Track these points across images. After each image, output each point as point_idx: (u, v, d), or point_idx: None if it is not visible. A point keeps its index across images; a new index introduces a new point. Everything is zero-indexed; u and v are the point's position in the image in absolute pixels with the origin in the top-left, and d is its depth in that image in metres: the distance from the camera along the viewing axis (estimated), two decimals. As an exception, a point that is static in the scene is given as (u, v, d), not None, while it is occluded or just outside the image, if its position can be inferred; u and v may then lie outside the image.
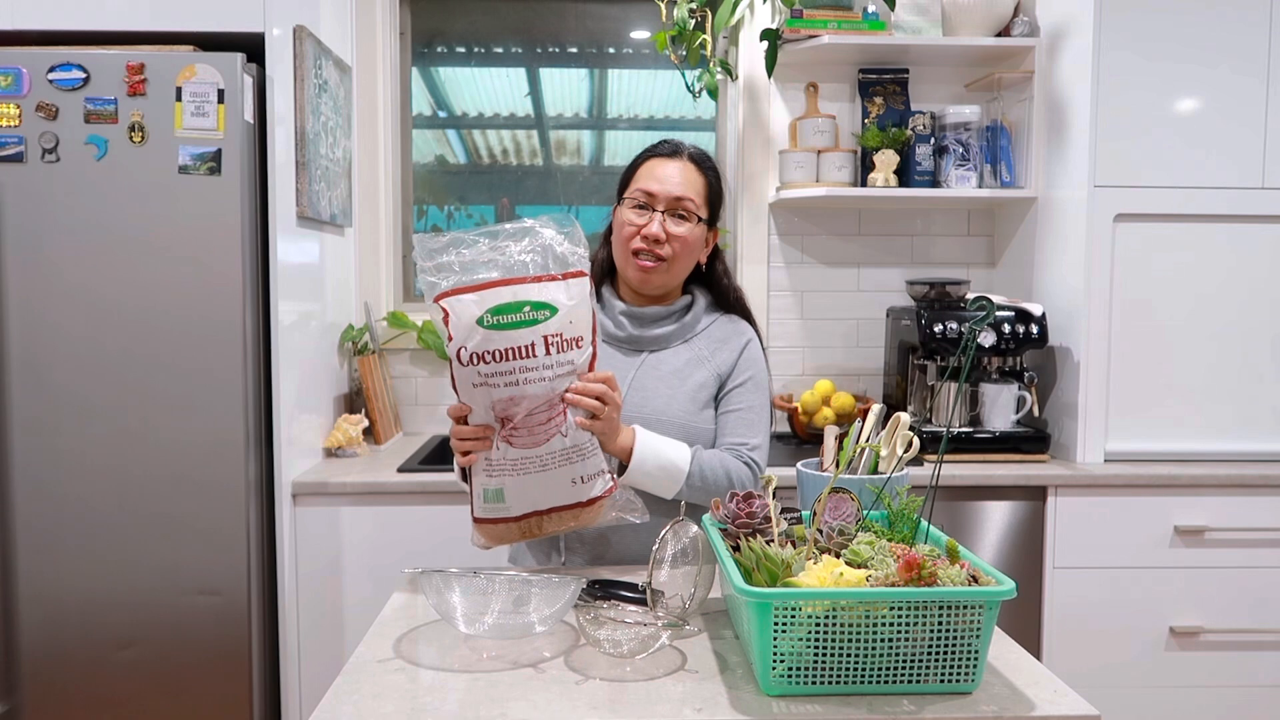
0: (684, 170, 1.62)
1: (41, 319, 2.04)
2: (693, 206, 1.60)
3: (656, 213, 1.59)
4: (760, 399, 1.66)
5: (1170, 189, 2.39)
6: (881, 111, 2.79)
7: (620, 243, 1.62)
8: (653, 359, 1.64)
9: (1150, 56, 2.37)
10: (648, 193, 1.60)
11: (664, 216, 1.59)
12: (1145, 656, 2.36)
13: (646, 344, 1.65)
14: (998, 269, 2.91)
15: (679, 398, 1.60)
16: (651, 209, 1.59)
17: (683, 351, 1.65)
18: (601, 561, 1.59)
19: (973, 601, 1.04)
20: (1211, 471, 2.33)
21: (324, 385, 2.52)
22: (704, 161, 1.65)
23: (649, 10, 2.79)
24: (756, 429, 1.64)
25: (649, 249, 1.59)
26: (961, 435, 2.46)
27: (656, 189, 1.60)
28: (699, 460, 1.53)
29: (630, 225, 1.60)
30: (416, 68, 2.98)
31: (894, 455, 1.39)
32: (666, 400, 1.59)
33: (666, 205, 1.59)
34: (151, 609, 2.10)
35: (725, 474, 1.54)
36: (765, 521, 1.26)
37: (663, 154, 1.63)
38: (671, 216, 1.59)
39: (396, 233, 2.94)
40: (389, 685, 1.12)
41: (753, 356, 1.68)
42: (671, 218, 1.59)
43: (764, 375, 1.68)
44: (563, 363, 1.32)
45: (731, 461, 1.57)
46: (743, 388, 1.65)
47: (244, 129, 2.04)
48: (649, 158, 1.64)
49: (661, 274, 1.61)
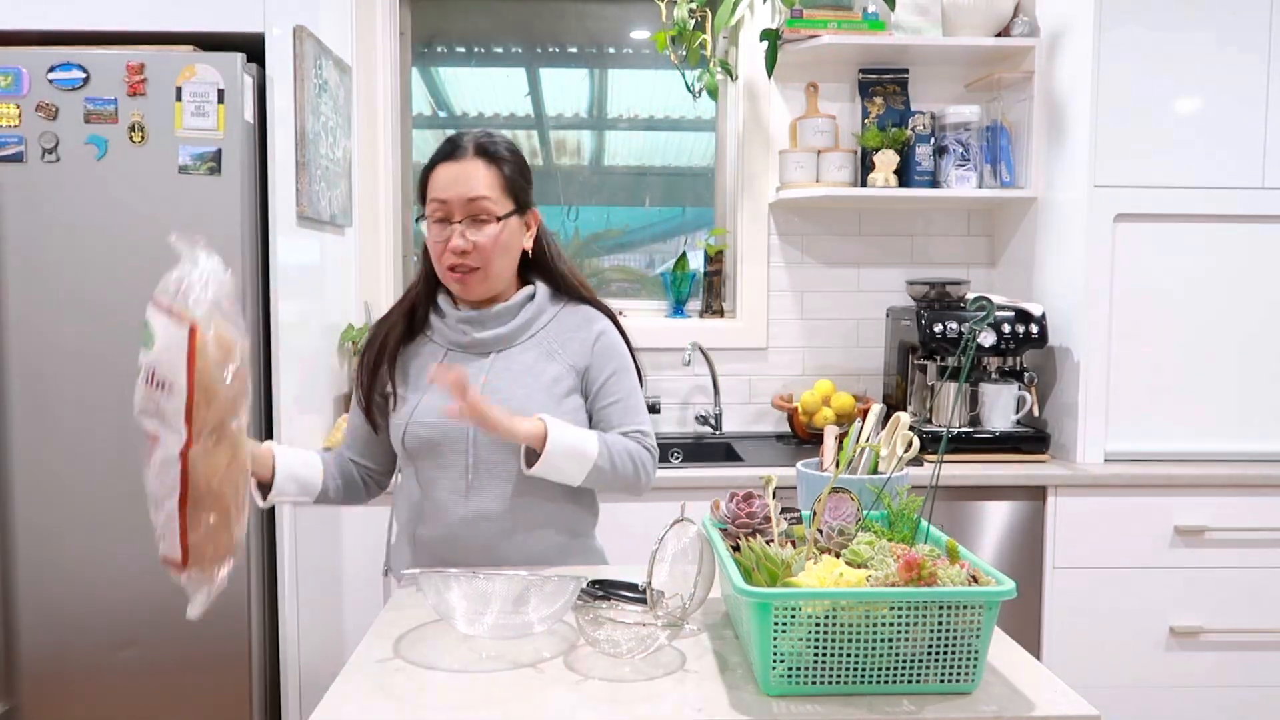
0: (471, 169, 1.52)
1: (41, 319, 2.04)
2: (490, 205, 1.52)
3: (455, 224, 1.52)
4: (631, 383, 1.63)
5: (1170, 189, 2.39)
6: (881, 111, 2.79)
7: (435, 260, 1.56)
8: (502, 359, 1.59)
9: (1150, 56, 2.37)
10: (441, 202, 1.52)
11: (463, 226, 1.52)
12: (1145, 656, 2.36)
13: (492, 345, 1.59)
14: (998, 269, 2.91)
15: (536, 394, 1.56)
16: (449, 220, 1.52)
17: (531, 347, 1.60)
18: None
19: (973, 601, 1.04)
20: (1211, 471, 2.33)
21: (324, 385, 2.52)
22: (491, 150, 1.55)
23: (649, 10, 2.79)
24: (638, 412, 1.62)
25: (459, 261, 1.52)
26: (961, 435, 2.46)
27: (448, 195, 1.51)
28: (605, 443, 1.52)
29: (436, 242, 1.54)
30: (416, 68, 2.98)
31: (894, 455, 1.39)
32: (524, 398, 1.55)
33: (463, 212, 1.51)
34: (151, 609, 2.10)
35: (629, 457, 1.54)
36: (765, 521, 1.26)
37: (447, 157, 1.54)
38: (471, 223, 1.52)
39: (396, 233, 2.94)
40: (389, 685, 1.12)
41: (608, 346, 1.62)
42: (471, 224, 1.52)
43: (627, 359, 1.64)
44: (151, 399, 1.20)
45: (633, 445, 1.56)
46: (613, 378, 1.61)
47: (244, 129, 2.04)
48: (435, 164, 1.55)
49: (479, 282, 1.55)
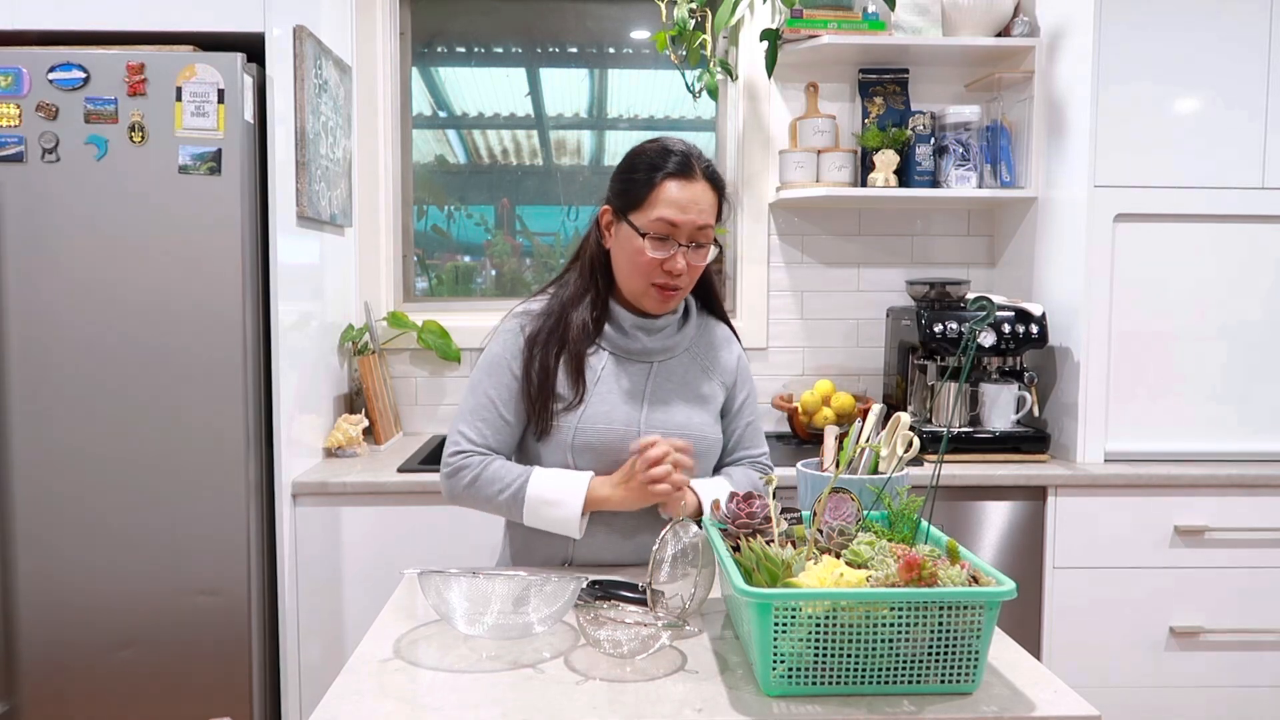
0: (702, 194, 1.51)
1: (41, 319, 2.04)
2: (711, 232, 1.53)
3: (680, 247, 1.50)
4: (757, 405, 1.74)
5: (1170, 189, 2.39)
6: (881, 111, 2.79)
7: (638, 270, 1.52)
8: (662, 370, 1.61)
9: (1150, 56, 2.37)
10: (673, 224, 1.48)
11: (686, 249, 1.50)
12: (1145, 656, 2.36)
13: (656, 354, 1.61)
14: (998, 269, 2.91)
15: (697, 412, 1.60)
16: (674, 240, 1.50)
17: (685, 360, 1.64)
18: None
19: (973, 602, 1.04)
20: (1211, 471, 2.33)
21: (324, 385, 2.52)
22: (716, 177, 1.55)
23: (649, 10, 2.79)
24: (761, 434, 1.73)
25: (673, 283, 1.52)
26: (961, 435, 2.46)
27: (680, 219, 1.48)
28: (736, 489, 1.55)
29: (653, 258, 1.50)
30: (416, 68, 2.98)
31: (894, 455, 1.39)
32: (687, 415, 1.59)
33: (689, 237, 1.50)
34: (151, 609, 2.10)
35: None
36: (765, 521, 1.26)
37: (681, 174, 1.50)
38: (693, 248, 1.51)
39: (396, 233, 2.94)
40: (389, 685, 1.12)
41: (746, 368, 1.71)
42: (692, 250, 1.51)
43: (754, 381, 1.75)
44: None
45: (758, 480, 1.64)
46: (748, 400, 1.70)
47: (244, 129, 2.04)
48: (666, 178, 1.50)
49: (679, 298, 1.58)
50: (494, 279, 3.09)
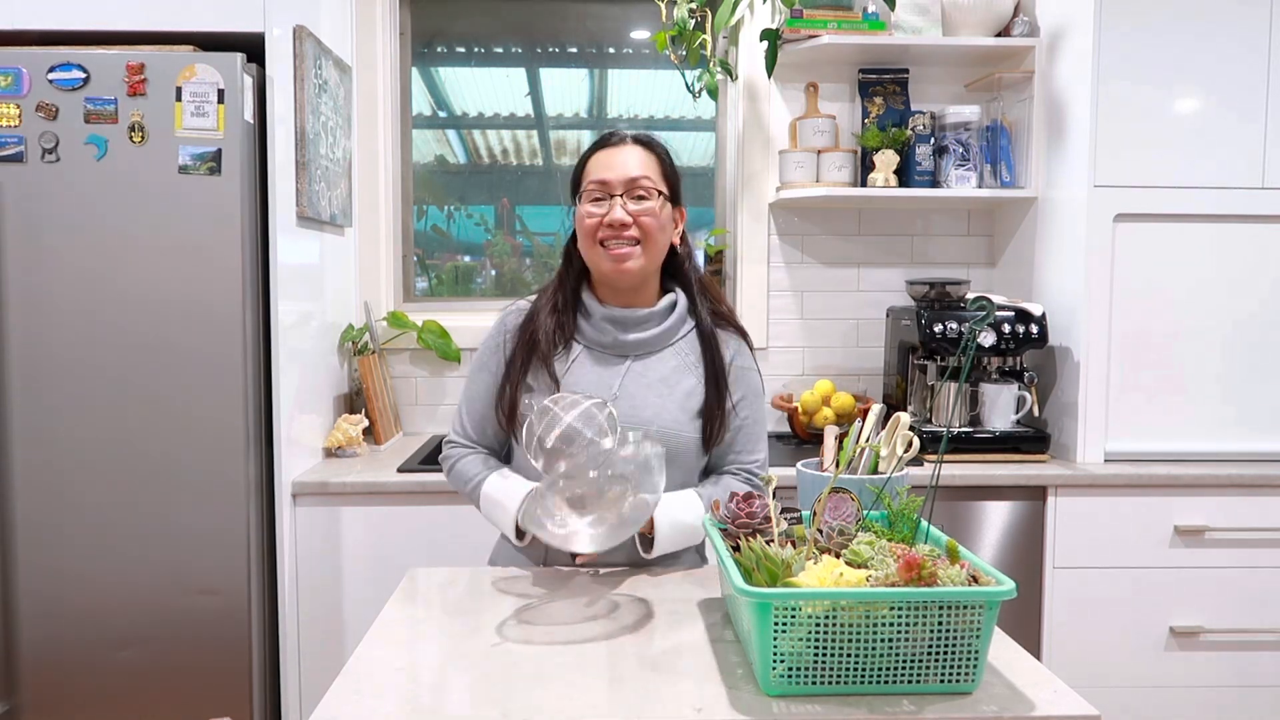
0: (629, 153, 1.57)
1: (41, 319, 2.04)
2: (650, 183, 1.55)
3: (615, 198, 1.54)
4: (757, 410, 1.65)
5: (1170, 189, 2.39)
6: (881, 111, 2.79)
7: (586, 238, 1.56)
8: (639, 365, 1.59)
9: (1150, 56, 2.37)
10: (601, 182, 1.55)
11: (623, 199, 1.54)
12: (1145, 656, 2.36)
13: (631, 349, 1.59)
14: (998, 269, 2.91)
15: (669, 407, 1.56)
16: (610, 196, 1.55)
17: (669, 357, 1.61)
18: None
19: (973, 601, 1.04)
20: (1211, 471, 2.33)
21: (324, 385, 2.52)
22: (651, 143, 1.60)
23: (649, 10, 2.79)
24: (759, 442, 1.65)
25: (616, 235, 1.54)
26: (961, 435, 2.46)
27: (609, 176, 1.55)
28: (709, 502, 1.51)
29: (591, 216, 1.55)
30: (416, 68, 2.98)
31: (894, 455, 1.39)
32: (656, 410, 1.55)
33: (624, 189, 1.54)
34: (151, 609, 2.10)
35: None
36: (765, 521, 1.26)
37: (605, 144, 1.60)
38: (631, 198, 1.54)
39: (396, 233, 2.94)
40: (389, 685, 1.12)
41: (742, 370, 1.64)
42: (631, 199, 1.54)
43: (757, 384, 1.66)
44: None
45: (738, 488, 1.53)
46: (741, 403, 1.62)
47: (244, 129, 2.04)
48: (594, 151, 1.60)
49: (636, 259, 1.55)
50: (494, 279, 3.09)
